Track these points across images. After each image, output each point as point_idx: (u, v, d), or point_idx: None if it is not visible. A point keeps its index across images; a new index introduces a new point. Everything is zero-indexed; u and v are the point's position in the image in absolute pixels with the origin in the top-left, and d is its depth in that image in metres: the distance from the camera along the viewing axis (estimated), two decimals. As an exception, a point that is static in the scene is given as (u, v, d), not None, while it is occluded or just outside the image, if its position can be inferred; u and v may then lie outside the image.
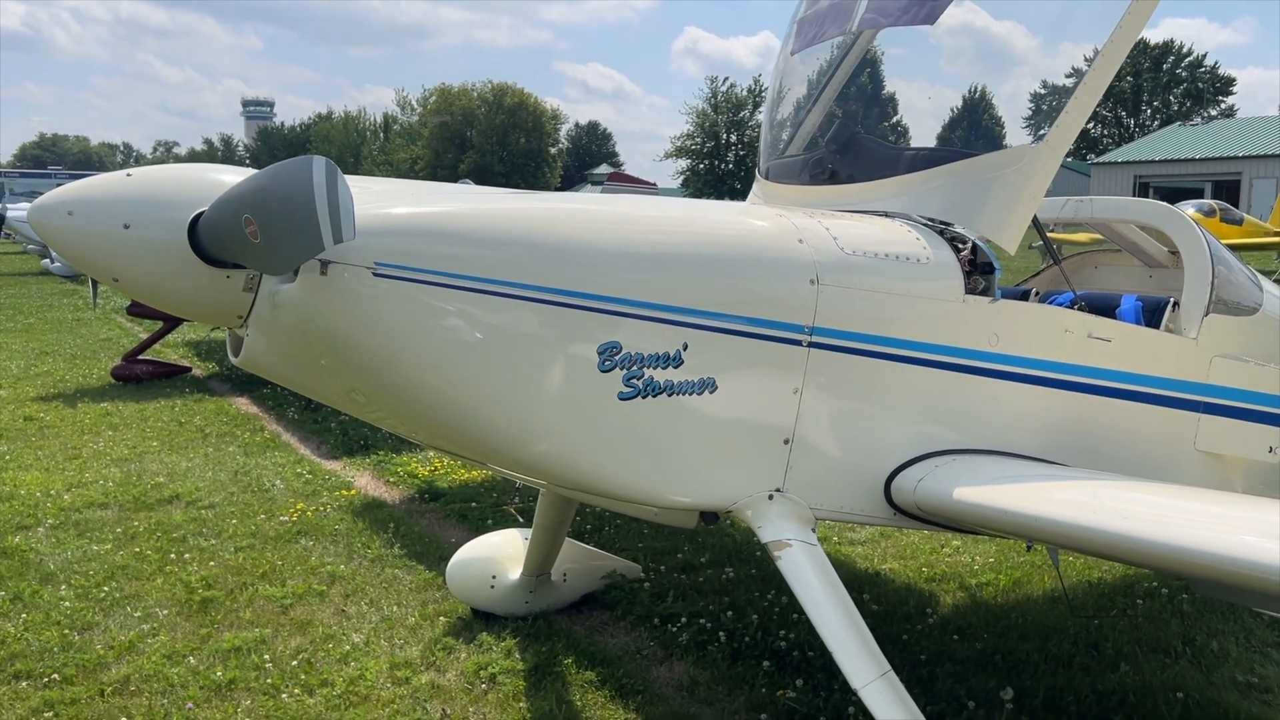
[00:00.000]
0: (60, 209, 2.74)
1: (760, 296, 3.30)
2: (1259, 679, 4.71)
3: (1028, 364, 3.80)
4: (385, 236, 2.70)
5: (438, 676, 4.66)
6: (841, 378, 3.45)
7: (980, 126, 4.14)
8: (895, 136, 4.32)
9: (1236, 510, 3.39)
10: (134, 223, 2.73)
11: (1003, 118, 4.10)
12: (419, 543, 6.46)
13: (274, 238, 2.44)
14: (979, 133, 4.13)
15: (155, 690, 4.51)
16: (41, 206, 2.77)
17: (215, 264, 2.78)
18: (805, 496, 3.42)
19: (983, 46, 4.26)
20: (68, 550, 6.28)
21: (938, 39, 4.16)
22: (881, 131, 4.36)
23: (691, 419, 3.21)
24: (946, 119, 4.25)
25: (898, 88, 4.43)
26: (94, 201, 2.75)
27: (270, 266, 2.64)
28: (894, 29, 4.24)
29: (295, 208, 2.34)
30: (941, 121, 4.26)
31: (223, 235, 2.64)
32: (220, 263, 2.78)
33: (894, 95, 4.45)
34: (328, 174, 2.35)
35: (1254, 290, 4.77)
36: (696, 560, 6.13)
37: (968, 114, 4.19)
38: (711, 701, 4.46)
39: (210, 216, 2.67)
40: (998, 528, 3.40)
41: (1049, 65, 4.07)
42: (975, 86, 4.20)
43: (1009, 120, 4.08)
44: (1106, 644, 5.00)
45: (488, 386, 2.93)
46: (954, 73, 4.31)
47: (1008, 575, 5.92)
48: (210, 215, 2.67)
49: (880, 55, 4.41)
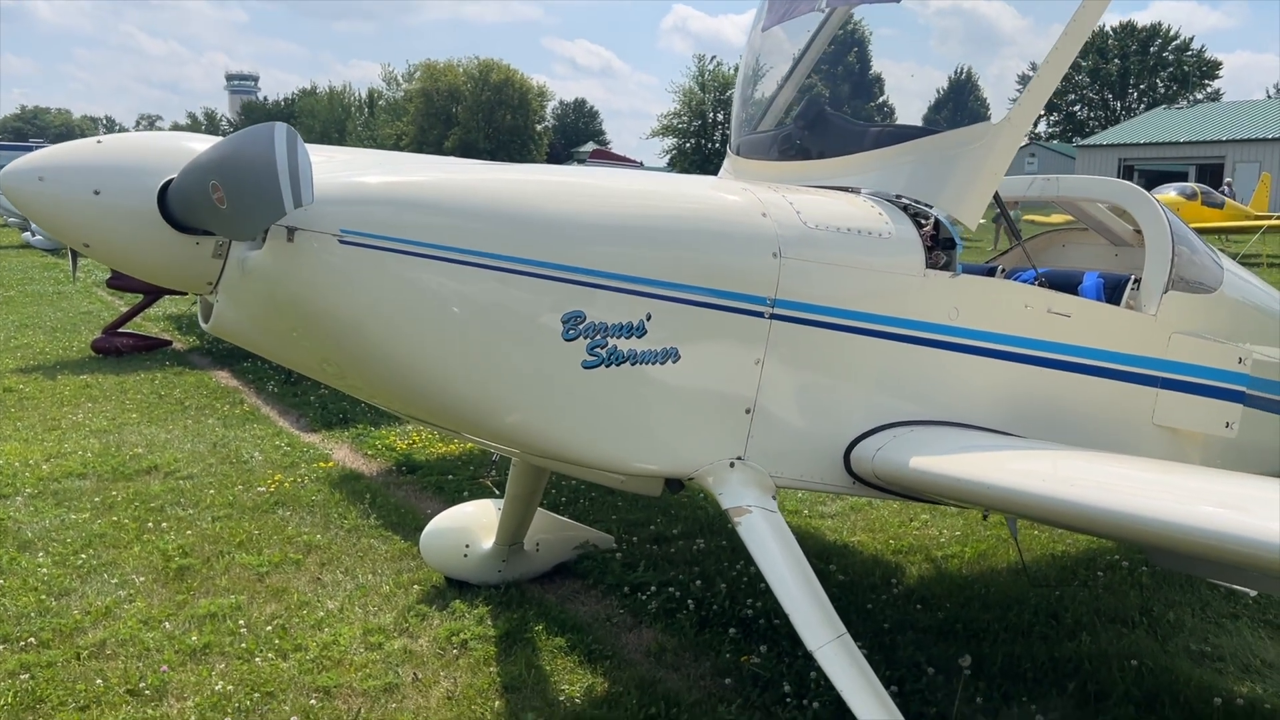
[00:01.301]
0: (31, 175, 2.77)
1: (723, 269, 3.37)
2: (1212, 648, 4.84)
3: (987, 337, 3.89)
4: (352, 204, 2.75)
5: (410, 642, 4.74)
6: (802, 349, 3.52)
7: (944, 104, 4.20)
8: (862, 113, 4.37)
9: (1191, 480, 3.48)
10: (104, 189, 2.77)
11: (966, 96, 4.16)
12: (395, 514, 6.52)
13: (239, 203, 2.48)
14: (943, 110, 4.19)
15: (131, 654, 4.58)
16: (12, 172, 2.80)
17: (185, 230, 2.82)
18: (766, 464, 3.50)
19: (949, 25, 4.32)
20: (45, 519, 6.32)
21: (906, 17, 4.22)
22: (849, 108, 4.41)
23: (654, 388, 3.28)
24: (912, 96, 4.32)
25: (866, 65, 4.49)
26: (64, 168, 2.79)
27: (237, 232, 2.68)
28: (863, 6, 4.29)
29: (258, 173, 2.38)
30: (907, 99, 4.32)
31: (191, 201, 2.68)
32: (189, 229, 2.82)
33: (863, 72, 4.50)
34: (288, 140, 2.39)
35: (1215, 270, 4.86)
36: (668, 532, 6.22)
37: (933, 91, 4.25)
38: (678, 667, 4.56)
39: (179, 183, 2.71)
40: (953, 495, 3.49)
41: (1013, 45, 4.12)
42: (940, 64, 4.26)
43: (972, 98, 4.13)
44: (1066, 614, 5.13)
45: (453, 354, 2.99)
46: (920, 50, 4.37)
47: (973, 548, 6.04)
48: (179, 182, 2.71)
49: (850, 33, 4.46)
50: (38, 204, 2.79)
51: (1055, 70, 3.79)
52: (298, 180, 2.38)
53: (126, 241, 2.85)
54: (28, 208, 2.81)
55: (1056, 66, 3.79)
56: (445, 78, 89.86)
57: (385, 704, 4.19)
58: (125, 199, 2.78)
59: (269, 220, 2.53)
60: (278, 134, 2.38)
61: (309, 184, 2.44)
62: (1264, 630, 5.05)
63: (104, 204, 2.77)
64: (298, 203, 2.41)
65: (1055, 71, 3.79)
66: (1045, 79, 3.81)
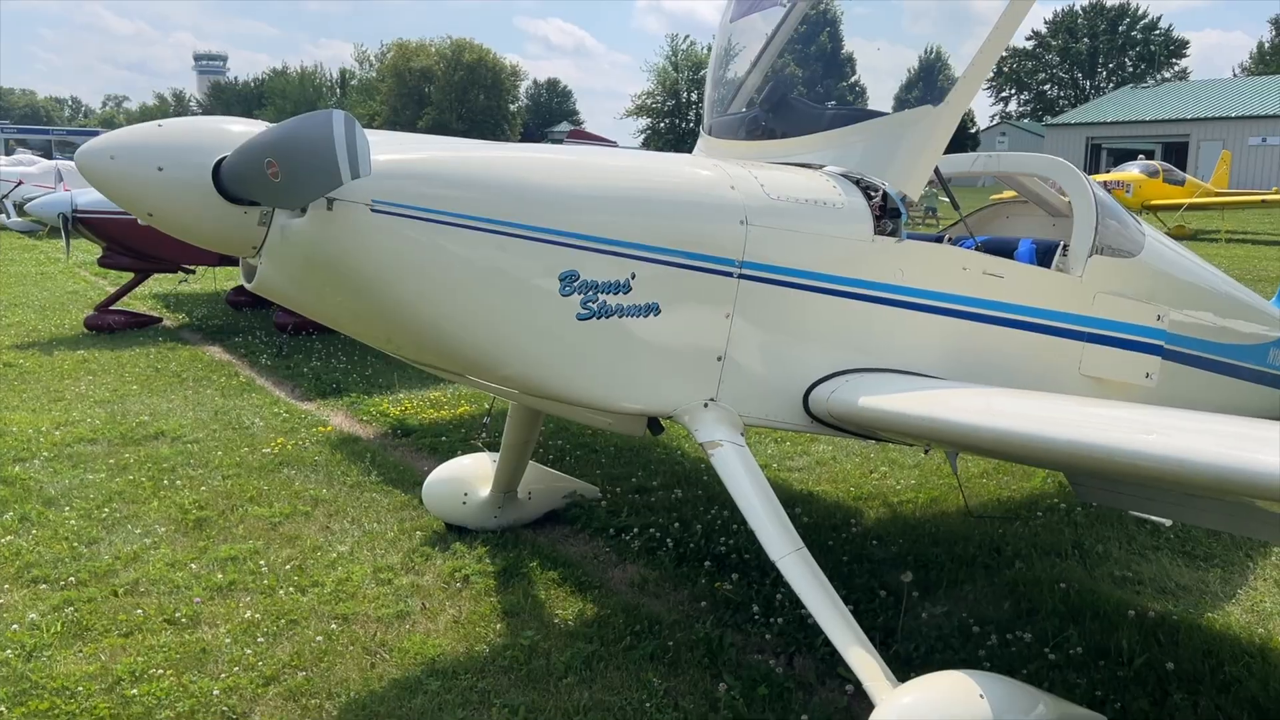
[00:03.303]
0: (104, 154, 3.22)
1: (697, 235, 3.87)
2: (1133, 574, 5.44)
3: (929, 295, 4.42)
4: (382, 179, 3.22)
5: (416, 578, 5.24)
6: (766, 305, 4.04)
7: (890, 89, 4.71)
8: (820, 98, 4.88)
9: (1112, 411, 4.02)
10: (166, 165, 3.22)
11: (909, 81, 4.67)
12: (394, 471, 7.01)
13: (295, 176, 2.95)
14: (889, 95, 4.70)
15: (163, 591, 5.05)
16: (87, 151, 3.24)
17: (235, 201, 3.28)
18: (735, 405, 4.03)
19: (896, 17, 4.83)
20: (65, 479, 6.74)
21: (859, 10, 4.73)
22: (808, 93, 4.91)
23: (638, 338, 3.79)
24: (863, 82, 4.84)
25: (823, 54, 4.99)
26: (132, 147, 3.23)
27: (288, 201, 3.15)
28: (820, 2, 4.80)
29: (317, 150, 2.86)
30: (858, 85, 4.84)
31: (245, 176, 3.14)
32: (239, 200, 3.28)
33: (820, 61, 5.00)
34: (346, 123, 2.87)
35: (1137, 237, 5.41)
36: (648, 483, 6.75)
37: (881, 79, 4.76)
38: (659, 595, 5.09)
39: (234, 160, 3.17)
40: (897, 429, 4.03)
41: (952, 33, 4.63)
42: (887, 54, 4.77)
43: (915, 83, 4.64)
44: (1006, 548, 5.71)
45: (466, 308, 3.49)
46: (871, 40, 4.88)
47: (926, 494, 6.62)
48: (234, 159, 3.17)
49: (809, 25, 4.95)
50: (109, 179, 3.24)
51: (988, 59, 4.31)
52: (355, 156, 2.86)
53: (184, 211, 3.30)
54: (100, 182, 3.25)
55: (989, 55, 4.31)
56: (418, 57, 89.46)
57: (398, 628, 4.69)
58: (185, 174, 3.23)
59: (326, 190, 3.01)
60: (336, 118, 2.86)
61: (367, 159, 2.92)
62: (1181, 559, 5.65)
63: (166, 179, 3.23)
64: (355, 174, 2.89)
65: (988, 60, 4.31)
66: (979, 67, 4.33)
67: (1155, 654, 4.39)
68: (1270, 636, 4.71)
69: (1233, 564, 5.58)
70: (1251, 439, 3.21)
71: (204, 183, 3.23)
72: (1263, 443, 3.13)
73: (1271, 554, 5.72)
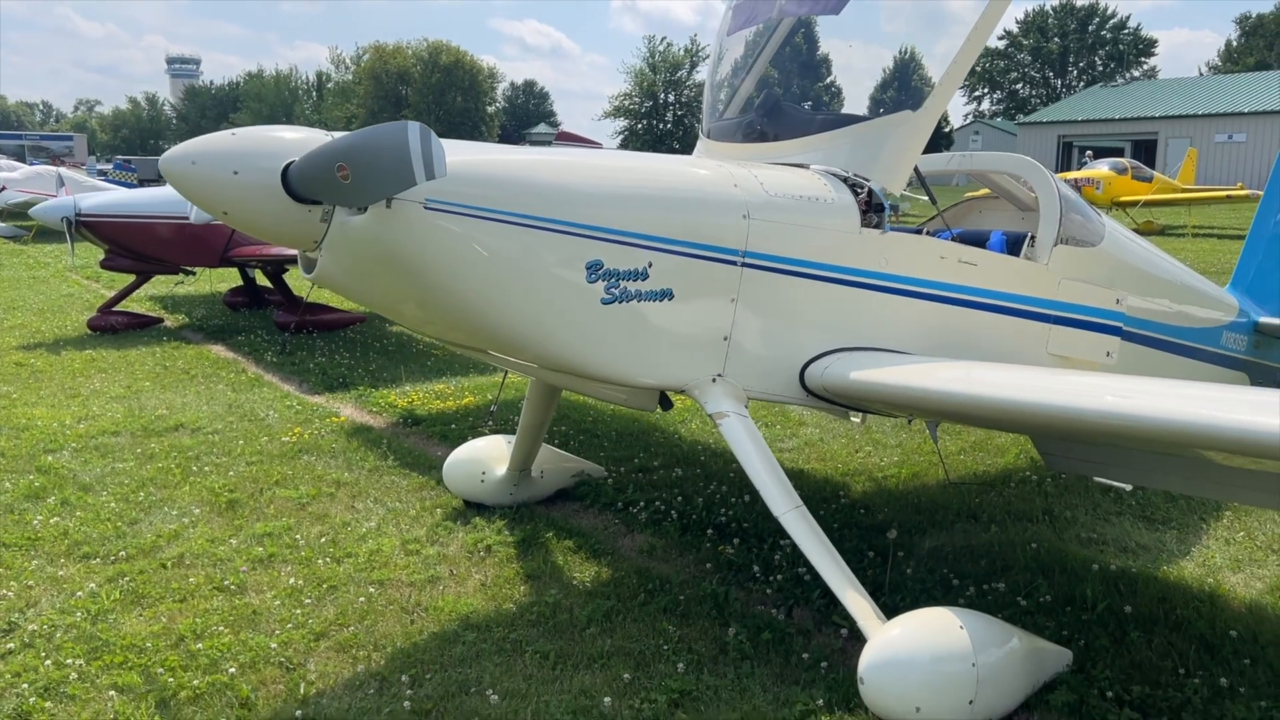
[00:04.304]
0: (186, 159, 3.63)
1: (705, 228, 4.34)
2: (1098, 535, 5.96)
3: (910, 282, 4.91)
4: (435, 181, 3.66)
5: (442, 549, 5.67)
6: (766, 291, 4.51)
7: (874, 95, 5.20)
8: (810, 104, 5.36)
9: (1078, 378, 4.52)
10: (241, 170, 3.64)
11: (890, 89, 5.16)
12: (409, 456, 7.43)
13: (367, 178, 3.39)
14: (872, 100, 5.19)
15: (208, 563, 5.45)
16: (170, 158, 3.65)
17: (301, 201, 3.71)
18: (739, 380, 4.50)
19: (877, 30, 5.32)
20: (96, 467, 7.12)
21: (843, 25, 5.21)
22: (800, 100, 5.39)
23: (654, 320, 4.25)
24: (849, 89, 5.32)
25: (812, 64, 5.47)
26: (211, 154, 3.65)
27: (357, 200, 3.58)
28: (808, 16, 5.28)
29: (394, 155, 3.30)
30: (845, 92, 5.33)
31: (313, 178, 3.56)
32: (305, 200, 3.71)
33: (810, 69, 5.49)
34: (421, 132, 3.31)
35: (1098, 229, 5.93)
36: (650, 463, 7.22)
37: (865, 86, 5.25)
38: (667, 559, 5.55)
39: (303, 163, 3.59)
40: (884, 400, 4.51)
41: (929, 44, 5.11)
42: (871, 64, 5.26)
43: (896, 89, 5.13)
44: (982, 514, 6.22)
45: (506, 293, 3.94)
46: (855, 51, 5.37)
47: (909, 469, 7.12)
48: (303, 163, 3.59)
49: (799, 38, 5.44)
50: (191, 181, 3.65)
51: (962, 67, 4.80)
52: (430, 159, 3.30)
53: (255, 210, 3.72)
54: (182, 184, 3.67)
55: (963, 64, 4.80)
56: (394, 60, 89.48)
57: (431, 591, 5.12)
58: (257, 177, 3.65)
59: (399, 189, 3.45)
60: (411, 129, 3.30)
61: (442, 162, 3.36)
62: (1141, 523, 6.17)
63: (241, 181, 3.65)
64: (430, 176, 3.33)
65: (962, 68, 4.80)
66: (953, 74, 4.82)
67: (1115, 601, 4.90)
68: (1218, 585, 5.23)
69: (1188, 526, 6.11)
70: (1205, 399, 3.67)
71: (274, 184, 3.66)
72: (1216, 402, 3.61)
73: (1224, 517, 6.25)
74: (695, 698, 4.04)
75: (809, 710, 3.93)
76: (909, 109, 4.85)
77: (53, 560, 5.48)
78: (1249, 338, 7.42)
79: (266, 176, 3.66)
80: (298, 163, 3.62)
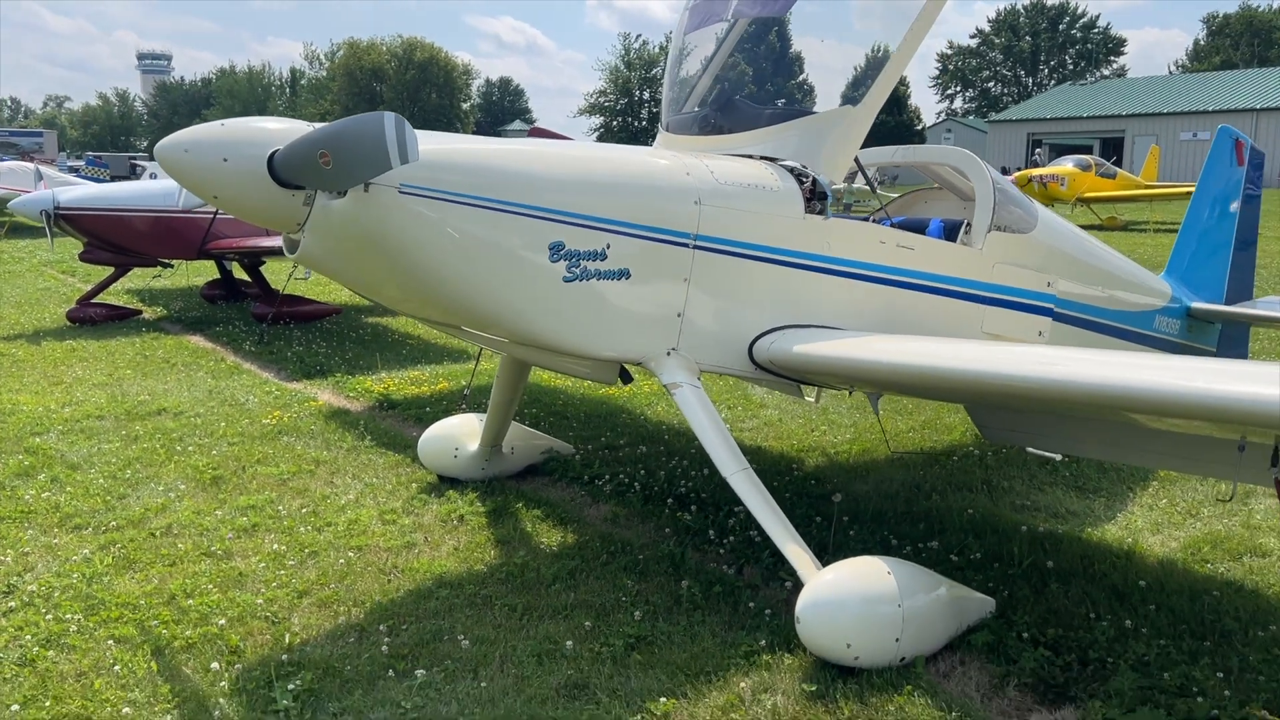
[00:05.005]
0: (179, 148, 3.96)
1: (660, 212, 4.71)
2: (1031, 503, 6.39)
3: (852, 264, 5.30)
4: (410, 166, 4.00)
5: (417, 519, 6.02)
6: (717, 271, 4.89)
7: (817, 92, 5.60)
8: (759, 100, 5.74)
9: (1010, 348, 4.93)
10: (230, 157, 3.97)
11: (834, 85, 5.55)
12: (385, 437, 7.76)
13: (347, 163, 3.73)
14: (816, 96, 5.58)
15: (195, 532, 5.77)
16: (165, 146, 3.98)
17: (286, 186, 4.04)
18: (692, 354, 4.88)
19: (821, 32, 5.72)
20: (82, 448, 7.40)
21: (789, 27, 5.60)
22: (750, 96, 5.77)
23: (612, 297, 4.62)
24: (795, 86, 5.71)
25: (762, 62, 5.86)
26: (202, 143, 3.98)
27: (338, 184, 3.92)
28: (758, 16, 5.67)
29: (372, 141, 3.64)
30: (791, 88, 5.71)
31: (297, 164, 3.89)
32: (289, 185, 4.04)
33: (760, 67, 5.87)
34: (397, 122, 3.66)
35: (1030, 218, 6.34)
36: (617, 442, 7.59)
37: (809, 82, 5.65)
38: (630, 526, 5.92)
39: (287, 151, 3.92)
40: (825, 371, 4.90)
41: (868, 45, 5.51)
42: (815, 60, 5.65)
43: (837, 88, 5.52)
44: (925, 484, 6.64)
45: (475, 271, 4.29)
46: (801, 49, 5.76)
47: (859, 446, 7.54)
48: (288, 150, 3.92)
49: (751, 38, 5.82)
50: (184, 168, 3.98)
51: (898, 66, 5.20)
52: (405, 146, 3.65)
53: (244, 194, 4.05)
54: (175, 171, 4.00)
55: (899, 63, 5.21)
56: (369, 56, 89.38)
57: (407, 555, 5.46)
58: (245, 164, 3.98)
59: (377, 173, 3.79)
60: (387, 118, 3.64)
61: (415, 148, 3.71)
62: (1073, 492, 6.61)
63: (230, 168, 3.98)
64: (404, 160, 3.68)
65: (898, 67, 5.20)
66: (890, 72, 5.22)
67: (1040, 557, 5.32)
68: (1136, 544, 5.66)
69: (1116, 495, 6.55)
70: (1127, 365, 4.08)
71: (261, 171, 3.99)
72: (1137, 368, 4.01)
73: (1150, 486, 6.70)
74: (650, 642, 4.42)
75: (753, 650, 4.31)
76: (850, 104, 5.24)
77: (46, 531, 5.78)
78: (1182, 322, 7.89)
79: (254, 164, 3.99)
80: (282, 150, 3.96)
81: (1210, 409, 3.61)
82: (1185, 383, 3.69)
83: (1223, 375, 3.79)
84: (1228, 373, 3.88)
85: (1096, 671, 4.23)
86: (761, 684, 4.07)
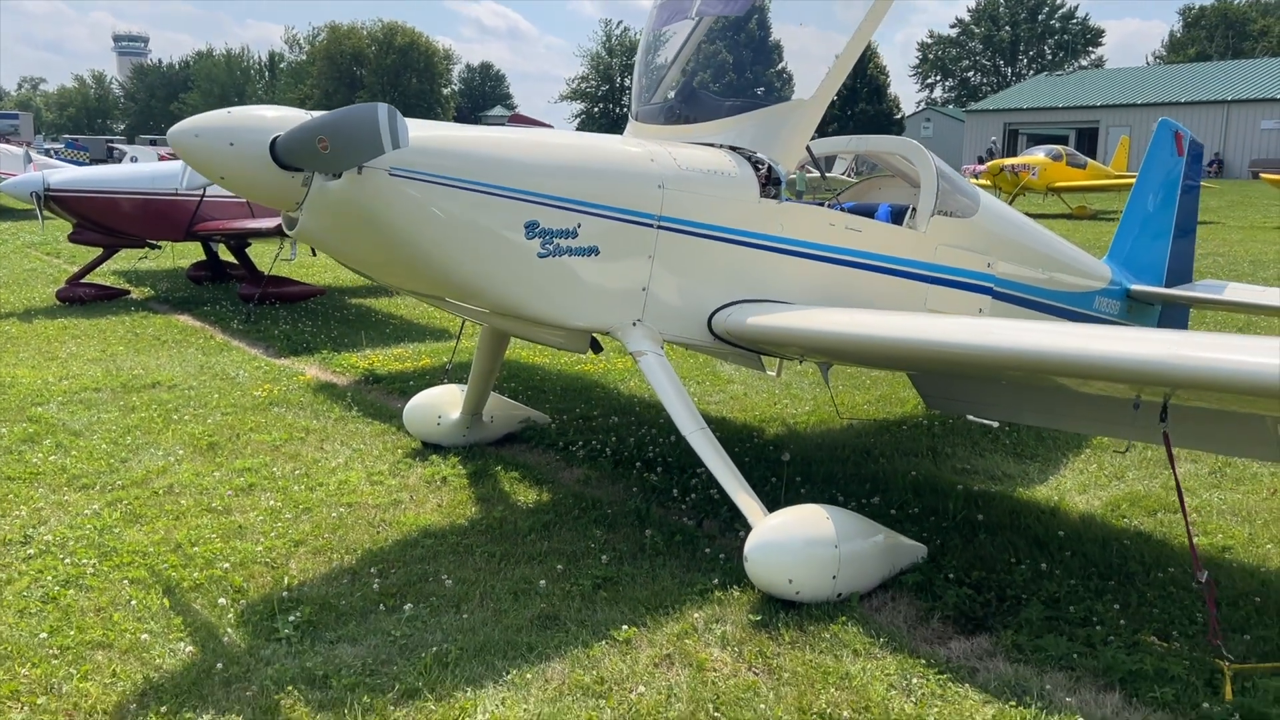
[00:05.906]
0: (190, 132, 4.38)
1: (626, 195, 5.18)
2: (971, 467, 6.92)
3: (803, 245, 5.79)
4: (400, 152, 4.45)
5: (403, 480, 6.48)
6: (678, 249, 5.36)
7: (772, 84, 6.07)
8: (720, 92, 6.21)
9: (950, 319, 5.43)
10: (236, 141, 4.40)
11: (786, 78, 6.03)
12: (371, 408, 8.21)
13: (343, 148, 4.17)
14: (771, 89, 6.06)
15: (195, 491, 6.21)
16: (178, 131, 4.40)
17: (286, 168, 4.47)
18: (656, 325, 5.36)
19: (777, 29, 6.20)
20: (82, 417, 7.80)
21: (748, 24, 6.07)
22: (712, 88, 6.25)
23: (583, 272, 5.09)
24: (752, 79, 6.19)
25: (722, 56, 6.33)
26: (211, 128, 4.40)
27: (335, 167, 4.36)
28: (719, 15, 6.14)
29: (366, 128, 4.08)
30: (749, 82, 6.19)
31: (297, 149, 4.33)
32: (289, 167, 4.47)
33: (721, 62, 6.34)
34: (389, 112, 4.11)
35: (972, 204, 6.84)
36: (591, 413, 8.07)
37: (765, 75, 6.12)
38: (601, 487, 6.41)
39: (289, 136, 4.35)
40: (780, 341, 5.39)
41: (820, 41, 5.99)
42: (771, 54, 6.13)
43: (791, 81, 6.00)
44: (874, 450, 7.16)
45: (457, 247, 4.75)
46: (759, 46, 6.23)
47: (816, 416, 8.06)
48: (289, 135, 4.35)
49: (713, 34, 6.29)
50: (194, 151, 4.40)
51: (848, 60, 5.68)
52: (396, 133, 4.10)
53: (247, 175, 4.49)
54: (186, 153, 4.42)
55: (849, 58, 5.69)
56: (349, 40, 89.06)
57: (394, 511, 5.92)
58: (250, 148, 4.41)
59: (370, 157, 4.24)
60: (380, 109, 4.09)
61: (405, 135, 4.15)
62: (1011, 458, 7.15)
63: (236, 151, 4.41)
64: (395, 145, 4.12)
65: (848, 61, 5.68)
66: (841, 66, 5.70)
67: (971, 512, 5.85)
68: (1061, 501, 6.21)
69: (1050, 460, 7.10)
70: (1059, 333, 4.58)
71: (264, 154, 4.43)
72: (1068, 335, 4.52)
73: (1083, 453, 7.25)
74: (615, 582, 4.91)
75: (707, 588, 4.81)
76: (803, 96, 5.73)
77: (55, 490, 6.20)
78: (1121, 303, 8.43)
79: (258, 148, 4.42)
80: (284, 136, 4.39)
81: (1103, 368, 4.12)
82: (1084, 345, 4.20)
83: (1121, 340, 4.31)
84: (1127, 338, 4.40)
85: (1012, 607, 4.75)
86: (713, 615, 4.58)
